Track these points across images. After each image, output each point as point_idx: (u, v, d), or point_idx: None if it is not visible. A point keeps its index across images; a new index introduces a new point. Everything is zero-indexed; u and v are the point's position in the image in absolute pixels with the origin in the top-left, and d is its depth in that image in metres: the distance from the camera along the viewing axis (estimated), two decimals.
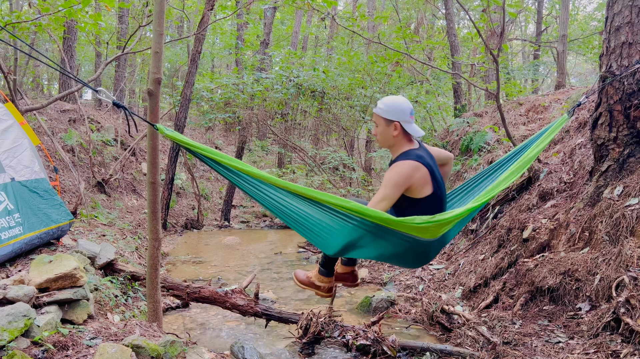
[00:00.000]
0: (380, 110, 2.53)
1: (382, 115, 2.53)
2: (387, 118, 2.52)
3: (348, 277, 3.00)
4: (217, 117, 10.19)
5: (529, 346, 3.35)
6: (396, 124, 2.52)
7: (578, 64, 22.75)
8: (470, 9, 14.06)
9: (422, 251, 2.51)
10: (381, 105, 2.55)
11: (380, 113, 2.53)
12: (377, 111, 2.55)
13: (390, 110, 2.51)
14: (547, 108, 7.14)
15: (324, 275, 2.92)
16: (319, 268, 2.93)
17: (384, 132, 2.55)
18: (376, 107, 2.58)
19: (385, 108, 2.52)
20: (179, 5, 13.49)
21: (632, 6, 3.85)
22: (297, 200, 2.44)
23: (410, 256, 2.55)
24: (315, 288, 2.95)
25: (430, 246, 2.50)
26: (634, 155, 3.88)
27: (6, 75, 5.81)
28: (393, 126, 2.52)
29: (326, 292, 2.95)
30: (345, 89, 9.48)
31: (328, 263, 2.90)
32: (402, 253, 2.49)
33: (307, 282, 2.97)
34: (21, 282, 3.26)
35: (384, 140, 2.59)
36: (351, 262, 2.98)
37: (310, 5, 6.41)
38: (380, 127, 2.56)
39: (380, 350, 3.60)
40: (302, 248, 8.05)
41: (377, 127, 2.58)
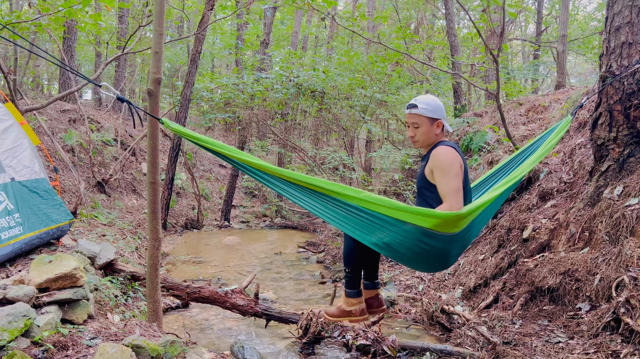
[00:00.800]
0: (425, 110, 2.51)
1: (427, 115, 2.51)
2: (432, 117, 2.51)
3: (374, 302, 2.88)
4: (217, 117, 10.19)
5: (529, 346, 3.34)
6: (439, 122, 2.53)
7: (578, 64, 22.75)
8: (470, 9, 14.06)
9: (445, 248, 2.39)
10: (423, 105, 2.51)
11: (425, 113, 2.51)
12: (420, 112, 2.51)
13: (434, 109, 2.52)
14: (547, 108, 7.14)
15: (352, 297, 2.76)
16: (345, 291, 2.78)
17: (429, 131, 2.53)
18: (414, 108, 2.53)
19: (429, 108, 2.51)
20: (179, 5, 13.49)
21: (632, 6, 3.85)
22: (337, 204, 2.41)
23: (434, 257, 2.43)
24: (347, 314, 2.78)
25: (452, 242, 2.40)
26: (634, 155, 3.88)
27: (6, 75, 5.81)
28: (436, 124, 2.53)
29: (360, 315, 2.78)
30: (345, 89, 9.48)
31: (353, 281, 2.76)
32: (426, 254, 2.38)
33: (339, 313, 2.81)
34: (21, 282, 3.26)
35: (426, 140, 2.55)
36: (374, 285, 2.87)
37: (310, 5, 6.41)
38: (424, 126, 2.52)
39: (380, 350, 3.60)
40: (302, 248, 8.05)
41: (418, 127, 2.53)
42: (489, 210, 2.66)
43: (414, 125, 2.54)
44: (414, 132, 2.56)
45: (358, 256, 2.69)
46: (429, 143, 2.56)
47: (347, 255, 2.70)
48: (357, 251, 2.65)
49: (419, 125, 2.53)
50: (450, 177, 2.37)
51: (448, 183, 2.36)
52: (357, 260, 2.70)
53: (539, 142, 3.15)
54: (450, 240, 2.36)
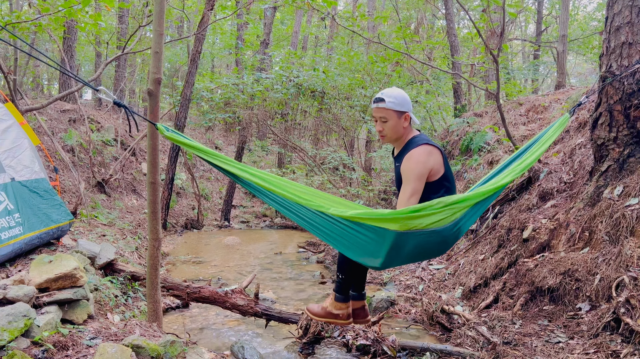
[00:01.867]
0: (391, 103, 2.46)
1: (393, 109, 2.46)
2: (399, 111, 2.46)
3: (360, 313, 2.87)
4: (217, 117, 10.19)
5: (529, 346, 3.34)
6: (407, 115, 2.49)
7: (578, 64, 22.75)
8: (470, 9, 14.06)
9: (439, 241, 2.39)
10: (390, 98, 2.47)
11: (392, 106, 2.45)
12: (387, 105, 2.46)
13: (401, 102, 2.46)
14: (547, 108, 7.14)
15: (340, 301, 2.75)
16: (334, 294, 2.78)
17: (396, 124, 2.48)
18: (381, 102, 2.47)
19: (396, 101, 2.46)
20: (179, 5, 13.49)
21: (632, 6, 3.85)
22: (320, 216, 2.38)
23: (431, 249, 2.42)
24: (333, 317, 2.77)
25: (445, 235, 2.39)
26: (634, 155, 3.88)
27: (6, 75, 5.81)
28: (404, 117, 2.48)
29: (346, 319, 2.77)
30: (345, 89, 9.48)
31: (344, 287, 2.76)
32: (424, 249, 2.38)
33: (324, 313, 2.80)
34: (21, 282, 3.26)
35: (394, 134, 2.51)
36: (361, 297, 2.87)
37: (310, 5, 6.41)
38: (392, 120, 2.47)
39: (380, 350, 3.60)
40: (302, 248, 8.05)
41: (385, 122, 2.48)
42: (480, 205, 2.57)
43: (381, 119, 2.49)
44: (382, 127, 2.50)
45: (353, 264, 2.69)
46: (397, 137, 2.52)
47: (342, 262, 2.71)
48: (351, 261, 2.65)
49: (386, 119, 2.48)
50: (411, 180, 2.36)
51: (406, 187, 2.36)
52: (351, 269, 2.72)
53: (536, 140, 3.14)
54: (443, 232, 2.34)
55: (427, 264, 5.86)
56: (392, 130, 2.49)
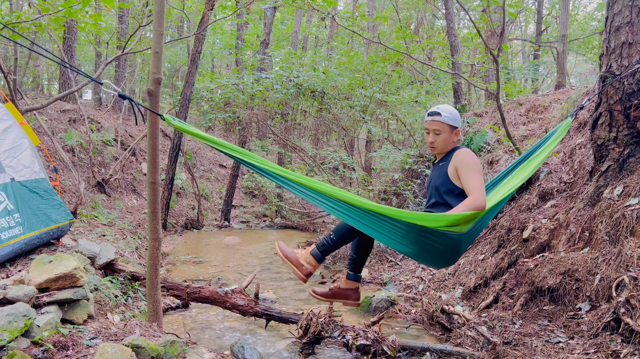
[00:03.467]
0: (447, 118, 2.67)
1: (449, 123, 2.67)
2: (453, 126, 2.68)
3: (351, 294, 2.90)
4: (217, 117, 10.18)
5: (529, 346, 3.34)
6: (458, 131, 2.71)
7: (578, 64, 22.74)
8: (470, 9, 14.06)
9: (456, 246, 2.50)
10: (446, 113, 2.68)
11: (447, 121, 2.67)
12: (444, 119, 2.67)
13: (455, 118, 2.69)
14: (547, 108, 7.14)
15: (315, 257, 2.74)
16: (313, 248, 2.75)
17: (449, 137, 2.69)
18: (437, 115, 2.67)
19: (451, 116, 2.68)
20: (179, 5, 13.49)
21: (632, 6, 3.85)
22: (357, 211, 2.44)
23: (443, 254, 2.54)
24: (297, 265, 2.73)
25: (463, 240, 2.51)
26: (634, 155, 3.88)
27: (6, 75, 5.81)
28: (455, 132, 2.70)
29: (305, 275, 2.73)
30: (345, 89, 9.48)
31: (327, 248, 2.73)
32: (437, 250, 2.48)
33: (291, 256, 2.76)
34: (21, 282, 3.26)
35: (445, 146, 2.71)
36: (357, 278, 2.89)
37: (310, 5, 6.41)
38: (445, 133, 2.67)
39: (380, 350, 3.60)
40: (303, 248, 8.04)
41: (439, 134, 2.68)
42: (493, 210, 2.76)
43: (435, 131, 2.69)
44: (435, 139, 2.70)
45: (351, 233, 2.70)
46: (447, 149, 2.72)
47: (343, 226, 2.69)
48: (353, 229, 2.66)
49: (440, 132, 2.67)
50: (476, 172, 2.52)
51: (475, 178, 2.50)
52: (348, 236, 2.72)
53: (540, 146, 3.23)
54: (460, 238, 2.45)
55: None
56: (443, 143, 2.69)
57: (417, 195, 7.81)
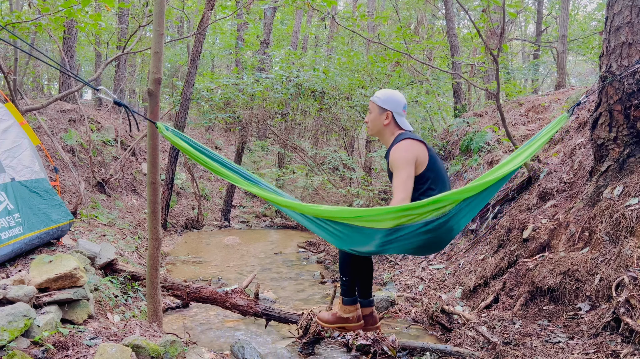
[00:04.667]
0: (377, 99, 2.74)
1: (377, 103, 2.73)
2: (381, 106, 2.72)
3: (368, 319, 2.91)
4: (217, 117, 10.19)
5: (529, 346, 3.34)
6: (388, 113, 2.71)
7: (578, 64, 22.74)
8: (470, 9, 14.06)
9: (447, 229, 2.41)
10: (378, 94, 2.75)
11: (376, 101, 2.74)
12: (373, 99, 2.75)
13: (385, 100, 2.71)
14: (547, 108, 7.14)
15: (349, 304, 2.79)
16: (341, 298, 2.81)
17: (376, 119, 2.74)
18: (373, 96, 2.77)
19: (382, 97, 2.73)
20: (179, 5, 13.49)
21: (632, 6, 3.85)
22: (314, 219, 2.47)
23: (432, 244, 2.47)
24: (344, 321, 2.80)
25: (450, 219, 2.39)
26: (634, 155, 3.88)
27: (6, 75, 5.81)
28: (385, 115, 2.71)
29: (357, 322, 2.81)
30: (345, 89, 9.48)
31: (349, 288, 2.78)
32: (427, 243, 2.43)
33: (335, 319, 2.82)
34: (21, 282, 3.26)
35: (374, 127, 2.76)
36: (370, 303, 2.90)
37: (310, 5, 6.41)
38: (374, 113, 2.74)
39: (380, 350, 3.60)
40: (302, 248, 8.05)
41: (370, 113, 2.77)
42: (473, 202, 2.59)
43: (368, 111, 2.80)
44: (367, 118, 2.80)
45: (353, 264, 2.75)
46: (378, 131, 2.75)
47: (342, 263, 2.76)
48: (351, 260, 2.72)
49: (371, 111, 2.77)
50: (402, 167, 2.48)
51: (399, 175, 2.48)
52: (352, 268, 2.76)
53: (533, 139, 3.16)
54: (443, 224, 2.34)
55: (427, 264, 5.86)
56: (371, 122, 2.77)
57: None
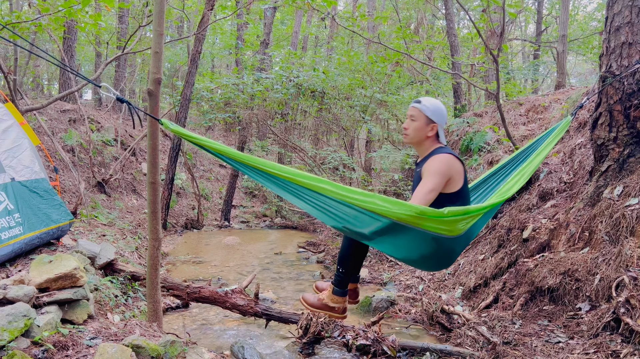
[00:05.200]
0: (426, 108, 2.59)
1: (425, 113, 2.58)
2: (429, 117, 2.59)
3: (351, 294, 2.92)
4: (217, 117, 10.19)
5: (529, 346, 3.34)
6: (435, 126, 2.59)
7: (578, 64, 22.74)
8: (470, 9, 14.06)
9: (448, 249, 2.45)
10: (427, 104, 2.60)
11: (424, 110, 2.58)
12: (422, 107, 2.59)
13: (434, 111, 2.59)
14: (547, 108, 7.14)
15: (338, 295, 2.78)
16: (333, 288, 2.80)
17: (421, 128, 2.60)
18: (418, 103, 2.60)
19: (431, 107, 2.59)
20: (179, 5, 13.49)
21: (632, 6, 3.85)
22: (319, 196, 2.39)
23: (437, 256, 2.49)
24: (328, 310, 2.80)
25: (455, 244, 2.46)
26: (634, 155, 3.88)
27: (6, 75, 5.81)
28: (431, 126, 2.59)
29: (341, 313, 2.80)
30: (345, 89, 9.48)
31: (343, 281, 2.77)
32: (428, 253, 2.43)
33: (320, 305, 2.81)
34: (21, 282, 3.26)
35: (415, 136, 2.62)
36: (356, 279, 2.91)
37: (310, 5, 6.41)
38: (419, 122, 2.59)
39: (380, 350, 3.60)
40: (302, 248, 8.05)
41: (413, 121, 2.60)
42: (491, 212, 2.68)
43: (411, 117, 2.62)
44: (409, 125, 2.63)
45: (355, 259, 2.73)
46: (417, 141, 2.63)
47: (344, 256, 2.72)
48: (354, 255, 2.69)
49: (415, 119, 2.60)
50: (434, 176, 2.41)
51: (427, 182, 2.41)
52: (353, 263, 2.74)
53: (539, 143, 3.20)
54: (453, 241, 2.40)
55: None
56: (414, 131, 2.61)
57: None
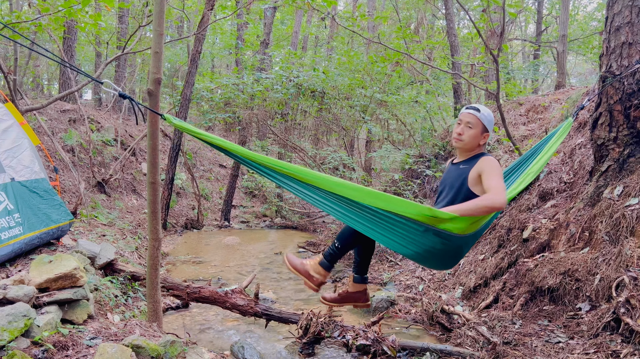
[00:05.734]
0: (484, 117, 2.65)
1: (483, 122, 2.65)
2: (486, 127, 2.66)
3: (360, 296, 2.91)
4: (217, 117, 10.19)
5: (529, 346, 3.34)
6: (487, 135, 2.68)
7: (578, 64, 22.74)
8: (470, 9, 14.06)
9: (458, 247, 2.49)
10: (485, 113, 2.66)
11: (483, 120, 2.65)
12: (480, 116, 2.64)
13: (490, 122, 2.68)
14: (547, 108, 7.14)
15: (323, 267, 2.73)
16: (321, 258, 2.76)
17: (476, 136, 2.65)
18: (476, 111, 2.65)
19: (488, 117, 2.66)
20: (179, 5, 13.48)
21: (632, 6, 3.85)
22: None
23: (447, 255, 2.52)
24: (307, 277, 2.74)
25: (465, 243, 2.50)
26: (634, 155, 3.88)
27: (6, 75, 5.81)
28: (484, 135, 2.67)
29: (316, 285, 2.75)
30: (345, 89, 9.48)
31: (334, 257, 2.73)
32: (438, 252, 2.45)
33: (301, 269, 2.76)
34: (21, 282, 3.26)
35: (469, 143, 2.66)
36: (364, 280, 2.90)
37: (310, 5, 6.41)
38: (476, 130, 2.64)
39: (380, 350, 3.60)
40: (302, 248, 8.05)
41: (470, 128, 2.64)
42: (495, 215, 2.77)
43: (467, 124, 2.65)
44: (464, 131, 2.66)
45: (354, 239, 2.70)
46: (469, 148, 2.68)
47: (346, 234, 2.69)
48: (355, 235, 2.66)
49: (472, 127, 2.64)
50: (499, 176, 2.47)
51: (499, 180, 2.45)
52: (351, 243, 2.71)
53: (541, 147, 3.26)
54: (463, 240, 2.44)
55: None
56: (470, 138, 2.65)
57: (417, 195, 7.81)
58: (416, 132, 9.93)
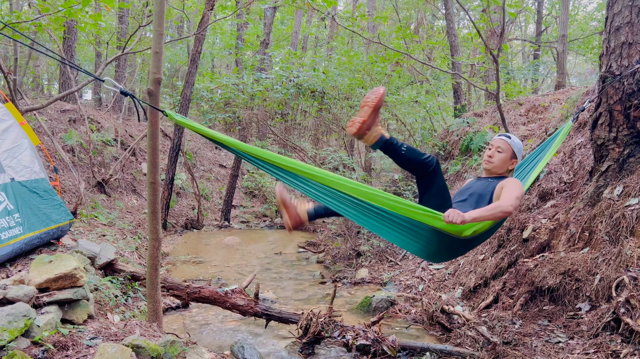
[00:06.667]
0: (515, 144, 2.87)
1: (513, 149, 2.87)
2: (516, 154, 2.88)
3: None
4: (217, 117, 10.18)
5: (529, 346, 3.35)
6: (515, 162, 2.90)
7: (578, 64, 22.75)
8: (470, 9, 14.06)
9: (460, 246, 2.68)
10: (515, 141, 2.88)
11: (513, 146, 2.87)
12: (511, 143, 2.85)
13: (519, 151, 2.89)
14: (547, 108, 7.14)
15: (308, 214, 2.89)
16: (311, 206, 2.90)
17: (506, 161, 2.88)
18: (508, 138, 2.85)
19: (518, 145, 2.89)
20: (179, 5, 13.49)
21: (632, 6, 3.85)
22: None
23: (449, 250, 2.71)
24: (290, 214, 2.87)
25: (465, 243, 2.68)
26: (634, 155, 3.88)
27: (6, 75, 5.81)
28: (513, 162, 2.89)
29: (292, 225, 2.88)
30: (345, 89, 9.47)
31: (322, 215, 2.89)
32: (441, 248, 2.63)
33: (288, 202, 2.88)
34: (21, 282, 3.26)
35: (498, 166, 2.88)
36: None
37: (310, 5, 6.41)
38: (506, 155, 2.87)
39: (380, 350, 3.60)
40: (302, 248, 8.05)
41: (500, 152, 2.87)
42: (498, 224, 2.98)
43: (498, 148, 2.88)
44: (494, 154, 2.89)
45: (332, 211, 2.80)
46: (498, 171, 2.89)
47: None
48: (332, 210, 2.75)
49: (502, 151, 2.87)
50: (519, 194, 2.60)
51: (515, 195, 2.57)
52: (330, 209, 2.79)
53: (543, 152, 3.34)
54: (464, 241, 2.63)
55: (427, 264, 5.86)
56: (500, 161, 2.88)
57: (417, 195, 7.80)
58: (416, 132, 9.93)
